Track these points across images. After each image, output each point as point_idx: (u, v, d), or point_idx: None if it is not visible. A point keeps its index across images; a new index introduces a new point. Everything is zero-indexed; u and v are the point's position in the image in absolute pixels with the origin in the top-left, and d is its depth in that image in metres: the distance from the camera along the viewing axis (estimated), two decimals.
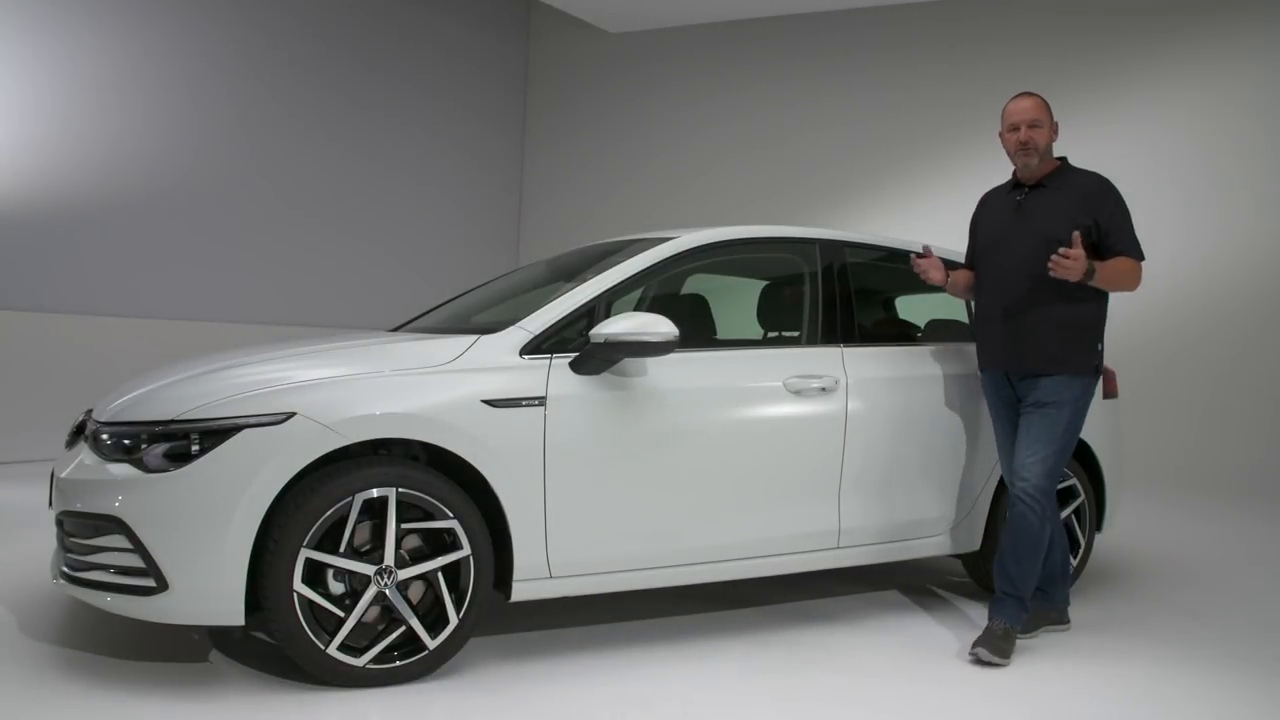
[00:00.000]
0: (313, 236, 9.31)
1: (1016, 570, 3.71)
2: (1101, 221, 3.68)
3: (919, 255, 4.09)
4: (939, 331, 4.50)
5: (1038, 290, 3.70)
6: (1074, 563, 4.44)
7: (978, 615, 4.15)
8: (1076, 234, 3.52)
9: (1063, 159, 3.86)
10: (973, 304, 4.30)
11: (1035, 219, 3.77)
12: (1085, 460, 4.54)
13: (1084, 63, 8.94)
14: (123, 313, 7.82)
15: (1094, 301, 3.73)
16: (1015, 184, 3.90)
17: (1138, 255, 3.71)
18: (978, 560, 4.32)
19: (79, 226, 7.59)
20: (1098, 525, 4.59)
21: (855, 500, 3.91)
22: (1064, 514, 4.41)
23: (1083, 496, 4.47)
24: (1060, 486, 4.43)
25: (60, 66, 7.48)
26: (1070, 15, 9.07)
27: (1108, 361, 4.80)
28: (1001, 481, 4.24)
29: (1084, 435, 4.47)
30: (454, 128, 10.71)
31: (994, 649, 3.55)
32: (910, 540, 4.08)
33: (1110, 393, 4.71)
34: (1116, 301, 3.82)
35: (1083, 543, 4.48)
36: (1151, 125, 8.73)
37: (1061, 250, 3.48)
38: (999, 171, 4.02)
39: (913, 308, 4.66)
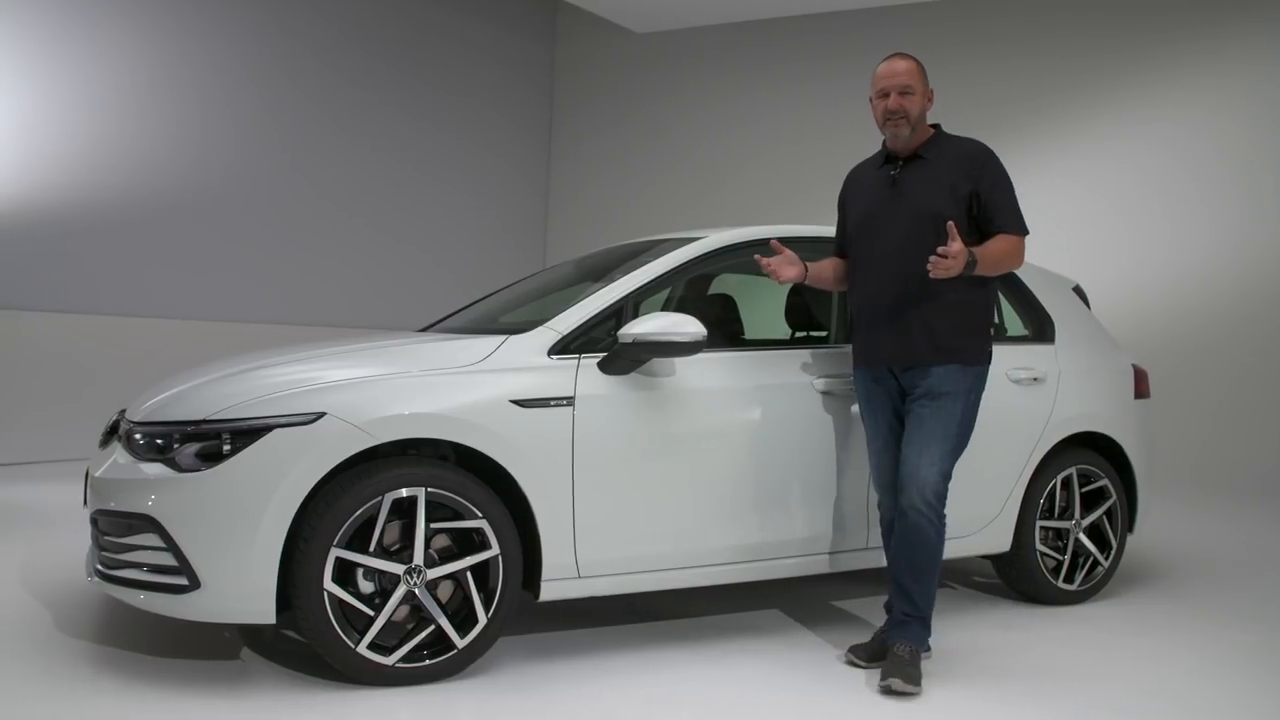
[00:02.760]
0: (341, 238, 9.37)
1: (916, 589, 3.37)
2: (982, 191, 3.36)
3: (763, 255, 3.58)
4: None
5: (915, 271, 3.30)
6: (1105, 564, 4.40)
7: (1006, 617, 4.13)
8: (951, 225, 3.17)
9: (937, 126, 3.51)
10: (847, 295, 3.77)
11: (913, 194, 3.41)
12: (1116, 460, 4.50)
13: (1104, 64, 8.89)
14: (155, 314, 7.90)
15: (984, 282, 3.42)
16: (887, 156, 3.53)
17: (1020, 230, 3.39)
18: (1007, 561, 4.29)
19: (111, 229, 7.67)
20: (1129, 527, 4.54)
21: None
22: (1094, 515, 4.38)
23: (1114, 497, 4.42)
24: (1090, 488, 4.40)
25: (96, 69, 7.56)
26: (1092, 14, 9.00)
27: (1138, 361, 4.77)
28: (1033, 480, 4.21)
29: (1115, 435, 4.45)
30: (481, 129, 10.74)
31: (905, 677, 3.19)
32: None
33: (1141, 393, 4.66)
34: (1139, 300, 3.69)
35: (1114, 545, 4.43)
36: (1172, 125, 8.65)
37: (940, 250, 3.13)
38: (1023, 169, 3.80)
39: None
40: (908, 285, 3.37)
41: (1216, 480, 7.85)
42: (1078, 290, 4.76)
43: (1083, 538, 4.34)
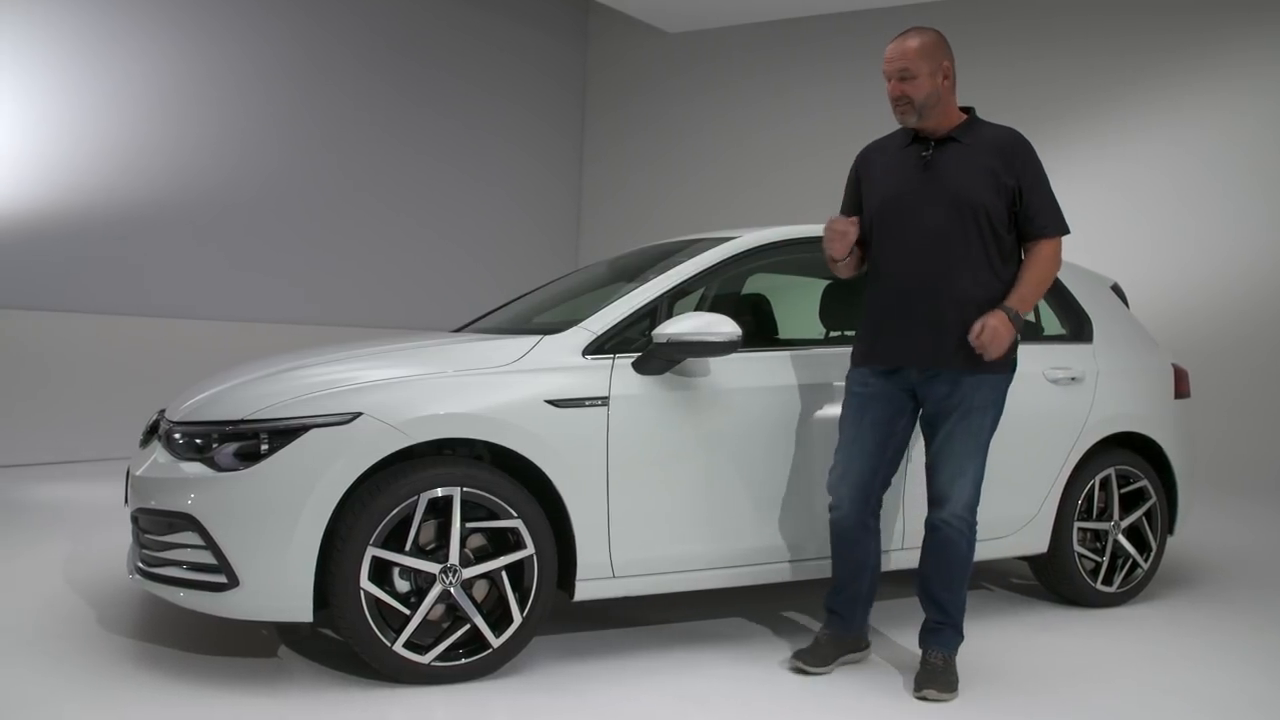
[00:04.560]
0: (376, 239, 9.43)
1: (948, 598, 3.29)
2: (1023, 186, 3.19)
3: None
4: None
5: (953, 264, 3.17)
6: (1144, 566, 4.34)
7: (1044, 619, 4.09)
8: (976, 327, 3.09)
9: (970, 109, 3.33)
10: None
11: (948, 177, 3.20)
12: (1156, 461, 4.44)
13: (1126, 65, 8.81)
14: (194, 315, 7.99)
15: (1016, 275, 3.24)
16: (916, 136, 3.32)
17: (1060, 230, 3.23)
18: (1045, 563, 4.25)
19: (149, 230, 7.76)
20: (1169, 528, 4.48)
21: (921, 501, 3.85)
22: (1134, 517, 4.32)
23: (1154, 499, 4.36)
24: (1129, 489, 4.35)
25: (140, 71, 7.66)
26: (1115, 16, 8.92)
27: (1179, 361, 4.71)
28: (1071, 481, 4.16)
29: (1154, 435, 4.39)
30: (514, 129, 10.78)
31: (941, 686, 3.16)
32: (977, 542, 4.01)
33: (1181, 393, 4.60)
34: (1165, 300, 3.58)
35: (1154, 546, 4.37)
36: (1194, 126, 8.56)
37: (977, 336, 3.08)
38: (1048, 169, 3.35)
39: None
40: (940, 276, 3.19)
41: (1242, 478, 7.72)
42: (1116, 289, 4.71)
43: (1121, 539, 4.29)
